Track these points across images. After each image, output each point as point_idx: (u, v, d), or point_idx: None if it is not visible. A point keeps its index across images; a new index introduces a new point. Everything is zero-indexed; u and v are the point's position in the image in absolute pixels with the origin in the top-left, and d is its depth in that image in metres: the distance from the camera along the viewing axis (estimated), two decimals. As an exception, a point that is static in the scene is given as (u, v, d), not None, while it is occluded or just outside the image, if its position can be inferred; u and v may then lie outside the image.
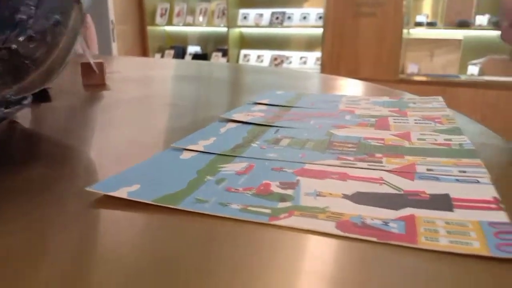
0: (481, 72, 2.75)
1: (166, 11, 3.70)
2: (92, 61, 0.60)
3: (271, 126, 0.39)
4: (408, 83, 2.77)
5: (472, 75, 2.76)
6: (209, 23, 3.55)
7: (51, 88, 0.56)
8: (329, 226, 0.21)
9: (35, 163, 0.31)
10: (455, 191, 0.24)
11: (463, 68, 2.82)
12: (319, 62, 3.07)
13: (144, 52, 3.80)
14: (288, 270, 0.17)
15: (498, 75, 2.64)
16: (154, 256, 0.18)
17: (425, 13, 2.84)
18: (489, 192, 0.24)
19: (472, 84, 2.64)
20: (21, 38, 0.30)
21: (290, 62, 3.31)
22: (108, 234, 0.21)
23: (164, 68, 0.97)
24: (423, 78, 2.82)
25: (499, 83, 2.58)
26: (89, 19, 1.98)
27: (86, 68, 0.61)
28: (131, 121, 0.43)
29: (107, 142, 0.37)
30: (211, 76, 0.81)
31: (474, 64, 2.77)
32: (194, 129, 0.38)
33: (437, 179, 0.26)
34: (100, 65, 0.62)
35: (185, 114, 0.48)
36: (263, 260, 0.18)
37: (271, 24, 3.31)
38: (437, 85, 2.69)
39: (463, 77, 2.74)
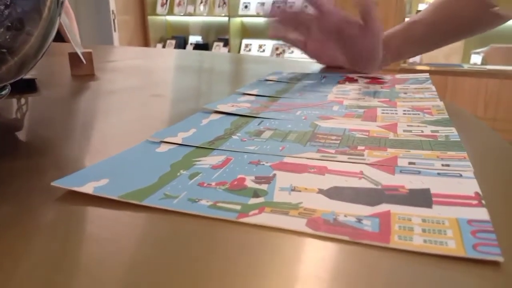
0: (484, 61, 2.72)
1: (167, 0, 3.68)
2: (79, 50, 0.58)
3: (255, 117, 0.38)
4: (410, 73, 2.73)
5: (475, 64, 2.73)
6: (210, 12, 3.52)
7: (37, 79, 0.55)
8: (299, 224, 0.20)
9: (5, 156, 0.30)
10: (436, 185, 0.23)
11: (466, 57, 2.79)
12: (320, 52, 3.04)
13: (145, 42, 3.78)
14: (255, 271, 0.17)
15: (501, 64, 2.61)
16: (114, 257, 0.18)
17: (428, 1, 2.80)
18: (471, 187, 0.23)
19: (475, 73, 2.60)
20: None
21: (292, 52, 3.29)
22: (68, 234, 0.20)
23: (159, 58, 0.95)
24: (426, 68, 2.79)
25: (502, 72, 2.54)
26: (70, 9, 1.94)
27: (74, 58, 0.60)
28: (113, 112, 0.42)
29: (86, 134, 0.36)
30: (208, 66, 0.80)
31: (477, 53, 2.74)
32: (178, 121, 0.37)
33: (418, 172, 0.25)
34: (88, 55, 0.60)
35: (171, 105, 0.47)
36: (228, 261, 0.17)
37: (272, 13, 3.27)
38: (439, 74, 2.66)
39: (465, 66, 2.71)
